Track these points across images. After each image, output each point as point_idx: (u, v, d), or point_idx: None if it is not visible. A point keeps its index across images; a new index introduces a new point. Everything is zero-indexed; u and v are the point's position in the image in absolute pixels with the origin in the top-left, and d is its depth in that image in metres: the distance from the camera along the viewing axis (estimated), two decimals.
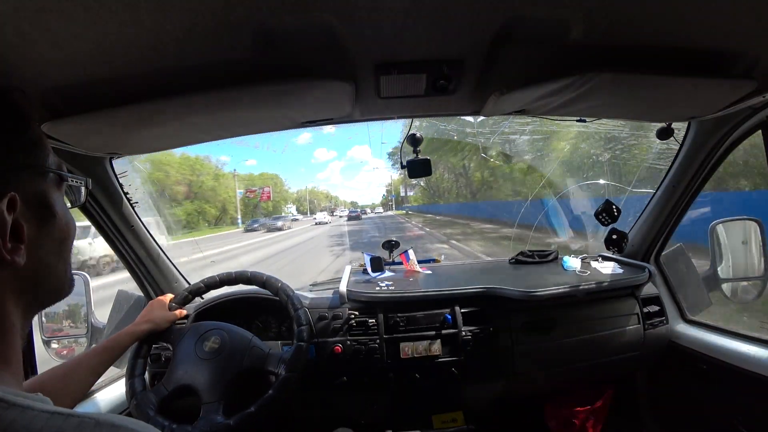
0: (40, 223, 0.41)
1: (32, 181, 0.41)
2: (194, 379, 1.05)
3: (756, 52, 0.80)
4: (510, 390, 1.41)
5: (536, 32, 0.73)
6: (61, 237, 0.44)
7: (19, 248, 0.37)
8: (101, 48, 0.62)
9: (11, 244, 0.36)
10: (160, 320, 1.15)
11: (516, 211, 5.53)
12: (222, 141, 1.20)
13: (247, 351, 1.11)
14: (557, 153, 7.11)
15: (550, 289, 1.31)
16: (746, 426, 1.18)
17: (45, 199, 0.42)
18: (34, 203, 0.40)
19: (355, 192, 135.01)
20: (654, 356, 1.47)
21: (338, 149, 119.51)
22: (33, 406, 0.31)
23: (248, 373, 1.09)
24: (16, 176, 0.39)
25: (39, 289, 0.41)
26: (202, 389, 1.03)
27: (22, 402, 0.31)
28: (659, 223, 1.50)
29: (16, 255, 0.37)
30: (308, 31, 0.68)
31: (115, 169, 1.25)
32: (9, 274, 0.37)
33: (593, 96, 0.91)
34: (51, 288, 0.43)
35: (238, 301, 1.37)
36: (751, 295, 1.41)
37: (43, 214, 0.41)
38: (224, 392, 1.03)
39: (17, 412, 0.30)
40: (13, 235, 0.37)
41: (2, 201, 0.36)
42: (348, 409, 1.42)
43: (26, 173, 0.40)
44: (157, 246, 1.46)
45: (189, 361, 1.08)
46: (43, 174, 0.42)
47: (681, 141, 1.33)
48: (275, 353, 1.12)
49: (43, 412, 0.31)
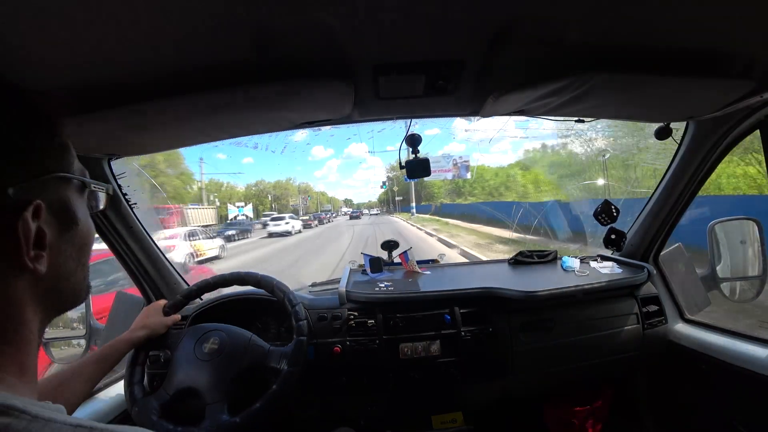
0: (62, 229, 0.40)
1: (57, 188, 0.41)
2: (196, 380, 1.05)
3: (754, 52, 0.80)
4: (509, 390, 1.41)
5: (535, 33, 0.73)
6: (81, 243, 0.43)
7: (41, 255, 0.37)
8: (100, 49, 0.62)
9: (34, 252, 0.36)
10: (156, 326, 1.14)
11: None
12: (220, 141, 1.20)
13: (247, 349, 1.10)
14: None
15: (549, 289, 1.31)
16: (745, 425, 1.18)
17: (68, 205, 0.42)
18: (57, 210, 0.40)
19: (352, 190, 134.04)
20: (653, 356, 1.47)
21: (336, 147, 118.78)
22: (55, 418, 0.31)
23: (250, 370, 1.08)
24: (43, 183, 0.38)
25: (58, 295, 0.41)
26: (204, 390, 1.03)
27: (45, 414, 0.31)
28: (658, 223, 1.50)
29: (38, 263, 0.36)
30: (307, 32, 0.68)
31: (114, 171, 1.25)
32: (30, 281, 0.37)
33: (592, 96, 0.91)
34: (69, 294, 0.43)
35: (236, 303, 1.37)
36: (750, 294, 1.42)
37: (65, 221, 0.41)
38: (227, 391, 1.03)
39: (41, 424, 0.30)
40: (35, 242, 0.36)
41: (28, 209, 0.35)
42: (347, 409, 1.42)
43: (53, 180, 0.40)
44: (157, 248, 1.46)
45: (189, 363, 1.08)
46: (68, 180, 0.42)
47: (679, 141, 1.33)
48: (276, 349, 1.12)
49: (67, 424, 0.31)
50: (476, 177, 33.03)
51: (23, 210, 0.35)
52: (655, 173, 2.40)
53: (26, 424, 0.29)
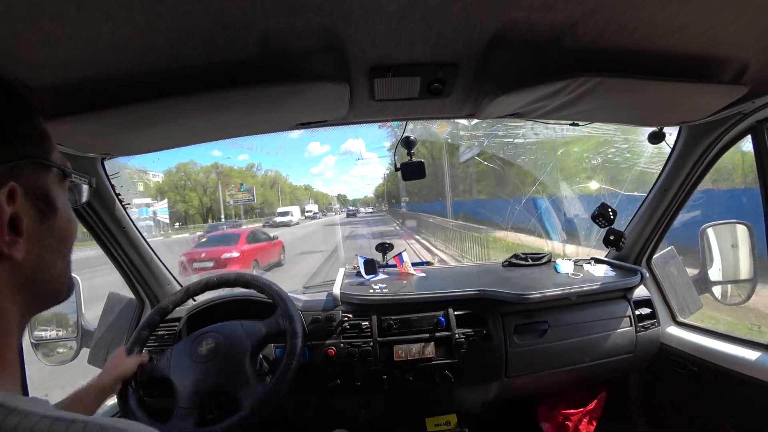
0: (40, 217, 0.40)
1: (35, 174, 0.40)
2: (203, 383, 1.03)
3: (746, 58, 0.81)
4: (503, 392, 1.41)
5: (530, 36, 0.74)
6: (61, 234, 0.43)
7: (17, 241, 0.37)
8: (94, 48, 0.61)
9: (9, 237, 0.36)
10: (127, 366, 1.05)
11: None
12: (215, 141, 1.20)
13: (243, 336, 1.10)
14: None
15: (542, 292, 1.32)
16: (735, 427, 1.19)
17: (46, 193, 0.41)
18: (35, 196, 0.39)
19: (349, 186, 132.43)
20: (646, 358, 1.48)
21: (332, 143, 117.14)
22: (35, 411, 0.30)
23: (259, 346, 1.12)
24: (18, 167, 0.38)
25: (37, 287, 0.40)
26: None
27: (24, 407, 0.30)
28: (651, 227, 1.52)
29: (14, 248, 0.36)
30: (303, 33, 0.68)
31: (107, 170, 1.24)
32: (7, 268, 0.36)
33: (586, 100, 0.92)
34: (50, 287, 0.42)
35: (229, 304, 1.36)
36: (741, 297, 1.43)
37: (43, 209, 0.40)
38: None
39: (19, 417, 0.29)
40: (11, 227, 0.36)
41: (2, 191, 0.35)
42: (342, 411, 1.42)
43: (29, 165, 0.39)
44: (150, 248, 1.45)
45: (188, 368, 1.06)
46: (47, 168, 0.42)
47: (672, 145, 1.34)
48: (271, 321, 1.14)
49: (46, 417, 0.30)
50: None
51: None
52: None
53: (3, 419, 0.29)
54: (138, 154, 1.22)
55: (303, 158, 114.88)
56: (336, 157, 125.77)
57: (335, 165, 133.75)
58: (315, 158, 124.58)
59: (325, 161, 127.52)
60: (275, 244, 11.30)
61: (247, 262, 9.36)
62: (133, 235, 1.37)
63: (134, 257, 1.40)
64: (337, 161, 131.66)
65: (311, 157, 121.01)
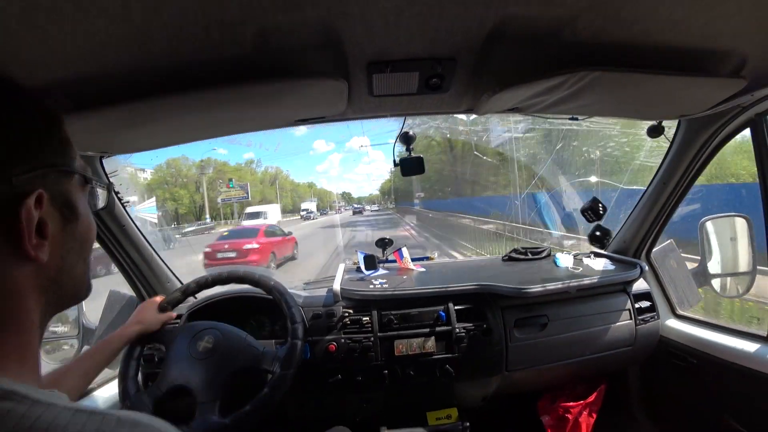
0: (63, 221, 0.42)
1: (59, 181, 0.42)
2: (189, 379, 1.04)
3: (745, 51, 0.81)
4: (504, 386, 1.42)
5: (529, 30, 0.73)
6: (82, 238, 0.45)
7: (43, 244, 0.38)
8: (91, 45, 0.61)
9: (36, 240, 0.37)
10: (152, 321, 1.14)
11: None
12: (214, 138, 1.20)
13: (241, 349, 1.10)
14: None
15: (542, 286, 1.32)
16: (735, 418, 1.20)
17: (69, 199, 0.43)
18: (59, 202, 0.41)
19: (354, 184, 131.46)
20: (645, 351, 1.49)
21: (337, 141, 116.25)
22: (57, 403, 0.32)
23: (243, 372, 1.08)
24: (45, 175, 0.40)
25: (60, 288, 0.42)
26: (196, 389, 1.03)
27: (46, 399, 0.32)
28: (650, 220, 1.52)
29: (40, 251, 0.38)
30: (300, 29, 0.67)
31: (105, 168, 1.23)
32: (32, 270, 0.38)
33: (585, 94, 0.92)
34: (71, 288, 0.44)
35: (232, 301, 1.36)
36: (740, 290, 1.44)
37: (67, 214, 0.42)
38: (219, 392, 1.03)
39: (42, 408, 0.31)
40: (38, 231, 0.38)
41: (31, 197, 0.37)
42: (342, 406, 1.42)
43: (54, 172, 0.41)
44: (149, 246, 1.45)
45: (183, 361, 1.08)
46: (70, 175, 0.44)
47: (671, 138, 1.34)
48: (270, 351, 1.11)
49: (67, 408, 0.32)
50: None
51: (26, 197, 0.36)
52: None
53: (27, 409, 0.30)
54: (136, 152, 1.22)
55: (308, 156, 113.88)
56: (341, 155, 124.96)
57: (340, 163, 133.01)
58: (320, 156, 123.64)
59: (330, 159, 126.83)
60: (289, 239, 12.33)
61: (265, 254, 10.17)
62: (133, 232, 1.37)
63: (134, 255, 1.40)
64: (342, 159, 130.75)
65: (316, 155, 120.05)
